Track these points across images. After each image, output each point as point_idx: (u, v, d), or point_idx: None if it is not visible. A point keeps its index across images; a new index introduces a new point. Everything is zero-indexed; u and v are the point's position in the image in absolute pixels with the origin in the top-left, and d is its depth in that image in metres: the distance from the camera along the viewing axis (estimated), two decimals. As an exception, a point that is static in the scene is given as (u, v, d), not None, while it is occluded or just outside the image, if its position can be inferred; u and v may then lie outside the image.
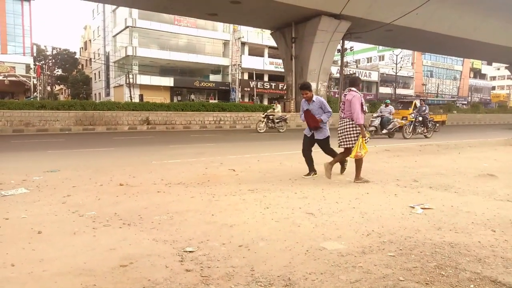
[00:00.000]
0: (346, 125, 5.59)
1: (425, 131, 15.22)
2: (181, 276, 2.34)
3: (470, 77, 66.85)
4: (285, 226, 3.36)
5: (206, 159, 8.01)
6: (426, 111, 15.42)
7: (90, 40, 52.97)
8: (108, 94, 43.89)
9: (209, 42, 41.95)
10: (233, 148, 10.76)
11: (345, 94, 5.68)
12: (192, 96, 40.40)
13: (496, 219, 3.56)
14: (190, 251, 2.75)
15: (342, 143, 5.66)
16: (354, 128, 5.52)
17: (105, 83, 45.94)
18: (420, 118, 14.97)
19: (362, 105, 5.53)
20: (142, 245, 2.89)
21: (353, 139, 5.51)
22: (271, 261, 2.57)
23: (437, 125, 16.64)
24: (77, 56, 53.56)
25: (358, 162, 5.55)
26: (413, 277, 2.31)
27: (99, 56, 45.68)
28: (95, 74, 50.38)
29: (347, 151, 5.67)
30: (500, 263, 2.53)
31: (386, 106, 15.26)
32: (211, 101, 37.54)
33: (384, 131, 14.75)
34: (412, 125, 14.73)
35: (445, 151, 9.77)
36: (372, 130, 14.32)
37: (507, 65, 44.54)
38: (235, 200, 4.31)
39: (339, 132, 5.71)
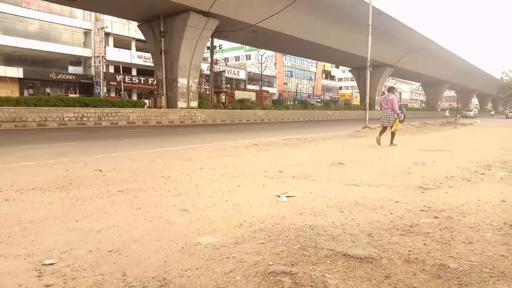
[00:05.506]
0: (389, 113, 10.41)
1: None
2: (39, 293, 2.08)
3: (322, 78, 75.73)
4: (158, 226, 3.28)
5: (67, 160, 7.22)
6: None
7: None
8: None
9: (66, 30, 37.63)
10: (100, 147, 9.95)
11: (386, 96, 10.52)
12: (48, 90, 35.62)
13: (345, 202, 4.14)
14: (50, 264, 2.46)
15: (385, 124, 10.55)
16: (393, 115, 10.35)
17: None
18: None
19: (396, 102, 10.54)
20: (-14, 264, 2.46)
21: (392, 121, 10.35)
22: (145, 263, 2.49)
23: None
24: None
25: (393, 134, 10.52)
26: (281, 261, 2.53)
27: None
28: None
29: (385, 129, 10.67)
30: (349, 239, 2.96)
31: None
32: (71, 95, 33.86)
33: None
34: None
35: (304, 143, 10.87)
36: None
37: (351, 69, 52.05)
38: (102, 203, 4.01)
39: (383, 118, 10.58)
